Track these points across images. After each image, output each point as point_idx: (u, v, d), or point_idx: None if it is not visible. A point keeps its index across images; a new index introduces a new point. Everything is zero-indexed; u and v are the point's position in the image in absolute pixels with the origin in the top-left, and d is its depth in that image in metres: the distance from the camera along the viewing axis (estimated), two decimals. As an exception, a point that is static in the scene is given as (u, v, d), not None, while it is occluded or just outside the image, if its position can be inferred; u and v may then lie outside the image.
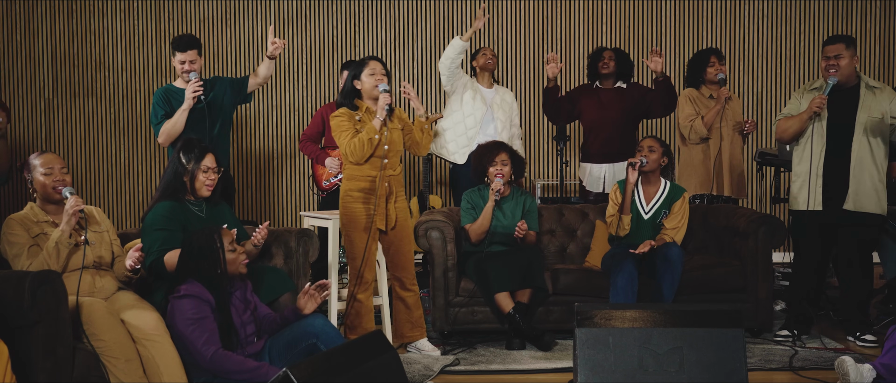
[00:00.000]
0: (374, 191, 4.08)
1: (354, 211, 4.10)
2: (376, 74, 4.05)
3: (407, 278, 4.24)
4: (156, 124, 4.65)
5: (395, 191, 4.16)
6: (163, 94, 4.67)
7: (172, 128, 4.57)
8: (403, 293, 4.25)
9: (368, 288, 4.17)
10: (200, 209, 3.73)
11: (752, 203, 6.92)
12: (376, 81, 4.04)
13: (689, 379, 3.06)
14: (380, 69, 4.07)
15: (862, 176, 4.27)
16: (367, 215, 4.09)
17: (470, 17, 6.95)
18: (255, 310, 3.43)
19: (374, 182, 4.07)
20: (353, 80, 4.11)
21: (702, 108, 5.09)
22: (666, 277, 4.25)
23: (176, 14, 6.90)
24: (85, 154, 7.00)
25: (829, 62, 4.29)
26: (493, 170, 4.53)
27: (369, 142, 3.99)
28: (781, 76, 7.04)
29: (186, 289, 3.23)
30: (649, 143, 4.53)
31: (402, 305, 4.26)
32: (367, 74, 4.07)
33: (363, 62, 4.10)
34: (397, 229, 4.18)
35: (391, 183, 4.12)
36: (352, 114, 4.08)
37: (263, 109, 6.98)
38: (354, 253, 4.13)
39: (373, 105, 4.09)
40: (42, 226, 3.40)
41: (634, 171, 4.42)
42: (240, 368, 3.15)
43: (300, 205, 7.05)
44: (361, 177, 4.09)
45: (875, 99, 4.28)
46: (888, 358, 3.40)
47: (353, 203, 4.10)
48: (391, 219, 4.14)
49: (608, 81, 5.44)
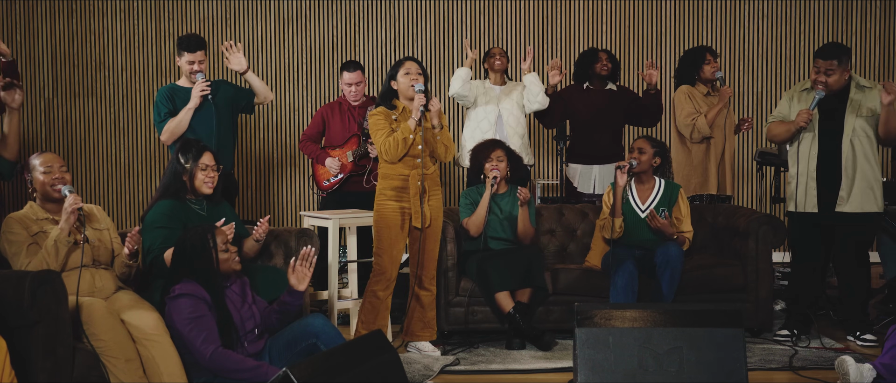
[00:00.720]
0: (407, 189, 4.12)
1: (387, 209, 4.14)
2: (412, 74, 4.09)
3: (427, 277, 4.27)
4: (159, 122, 4.65)
5: (429, 190, 4.18)
6: (167, 93, 4.68)
7: (176, 127, 4.58)
8: (421, 291, 4.28)
9: (389, 287, 4.19)
10: (201, 208, 3.74)
11: (752, 203, 6.92)
12: (411, 81, 4.07)
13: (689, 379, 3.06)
14: (415, 69, 4.10)
15: (854, 176, 4.28)
16: (400, 214, 4.12)
17: (470, 17, 6.95)
18: (252, 305, 3.43)
19: (407, 180, 4.12)
20: (390, 81, 4.16)
21: (701, 106, 5.07)
22: (665, 276, 4.25)
23: (176, 14, 6.90)
24: (85, 154, 7.00)
25: (819, 76, 4.28)
26: (489, 165, 4.55)
27: (404, 142, 4.03)
28: (781, 76, 7.04)
29: (181, 289, 3.23)
30: (640, 145, 4.53)
31: (418, 304, 4.28)
32: (402, 74, 4.11)
33: (400, 63, 4.16)
34: (431, 228, 4.21)
35: (425, 181, 4.14)
36: (388, 114, 4.14)
37: (263, 109, 6.97)
38: (381, 249, 4.15)
39: (409, 105, 4.13)
40: (41, 224, 3.41)
41: (623, 174, 4.41)
42: (239, 367, 3.16)
43: (300, 205, 7.06)
44: (395, 176, 4.12)
45: (865, 97, 4.30)
46: (888, 358, 3.40)
47: (387, 201, 4.14)
48: (427, 217, 4.17)
49: (598, 82, 5.42)
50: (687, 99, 5.07)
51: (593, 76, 5.40)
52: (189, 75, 4.67)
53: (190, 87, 4.66)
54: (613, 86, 5.47)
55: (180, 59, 4.69)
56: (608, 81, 5.44)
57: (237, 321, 3.30)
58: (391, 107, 4.16)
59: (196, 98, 4.57)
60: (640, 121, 5.54)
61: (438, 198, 4.26)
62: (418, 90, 4.03)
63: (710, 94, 5.13)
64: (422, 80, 4.08)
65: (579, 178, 5.46)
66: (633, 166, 4.46)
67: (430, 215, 4.19)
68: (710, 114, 5.00)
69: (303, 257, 3.43)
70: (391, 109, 4.16)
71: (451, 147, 4.20)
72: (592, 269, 4.56)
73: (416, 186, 4.12)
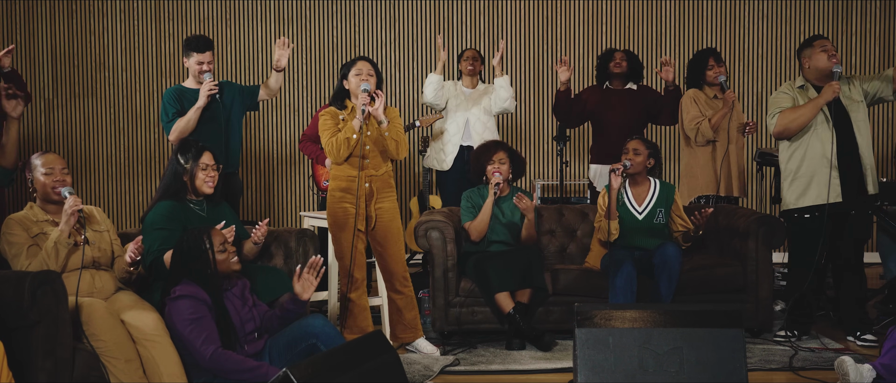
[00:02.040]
0: (352, 190, 4.08)
1: (336, 210, 4.11)
2: (362, 74, 4.07)
3: (397, 280, 4.23)
4: (167, 122, 4.67)
5: (378, 192, 4.15)
6: (174, 93, 4.70)
7: (185, 126, 4.59)
8: (394, 295, 4.25)
9: (359, 287, 4.17)
10: (201, 208, 3.74)
11: (752, 203, 6.92)
12: (360, 81, 4.05)
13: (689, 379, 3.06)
14: (367, 69, 4.08)
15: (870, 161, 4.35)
16: (347, 214, 4.09)
17: (469, 17, 6.95)
18: (253, 307, 3.43)
19: (353, 181, 4.08)
20: (343, 80, 4.15)
21: (706, 109, 5.08)
22: (664, 277, 4.25)
23: (176, 14, 6.90)
24: (85, 154, 7.00)
25: (830, 52, 4.34)
26: (490, 168, 4.54)
27: (346, 142, 4.01)
28: (781, 76, 7.04)
29: (181, 290, 3.23)
30: (634, 146, 4.53)
31: (394, 307, 4.27)
32: (353, 74, 4.10)
33: (352, 62, 4.13)
34: (381, 231, 4.16)
35: (372, 183, 4.12)
36: (336, 114, 4.12)
37: (263, 109, 6.98)
38: (341, 252, 4.14)
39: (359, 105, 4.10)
40: (41, 225, 3.41)
41: (617, 177, 4.40)
42: (239, 367, 3.16)
43: (300, 205, 7.06)
44: (342, 177, 4.11)
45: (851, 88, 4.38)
46: (888, 359, 3.40)
47: (336, 203, 4.11)
48: (371, 219, 4.13)
49: (618, 82, 5.46)
50: (692, 103, 5.09)
51: (612, 76, 5.44)
52: (197, 75, 4.69)
53: (197, 88, 4.67)
54: (634, 85, 5.49)
55: (188, 59, 4.70)
56: (628, 81, 5.46)
57: (237, 323, 3.30)
58: (342, 108, 4.14)
59: (204, 97, 4.58)
60: (659, 120, 5.55)
61: (390, 200, 4.20)
62: (363, 89, 4.00)
63: (717, 97, 5.13)
64: (373, 80, 4.06)
65: (600, 179, 5.48)
66: (627, 168, 4.45)
67: (379, 217, 4.14)
68: (714, 118, 5.00)
69: (311, 265, 3.41)
70: (342, 109, 4.13)
71: (401, 142, 4.11)
72: (592, 270, 4.56)
73: (362, 187, 4.08)
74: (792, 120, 4.33)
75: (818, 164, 4.32)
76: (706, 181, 5.11)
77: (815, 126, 4.33)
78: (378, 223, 4.15)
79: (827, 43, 4.38)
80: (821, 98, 4.27)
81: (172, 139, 4.64)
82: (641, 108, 5.46)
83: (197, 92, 4.65)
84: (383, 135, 4.05)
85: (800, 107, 4.33)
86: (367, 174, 4.08)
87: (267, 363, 3.27)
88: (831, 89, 4.23)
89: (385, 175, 4.18)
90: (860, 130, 4.33)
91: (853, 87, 4.40)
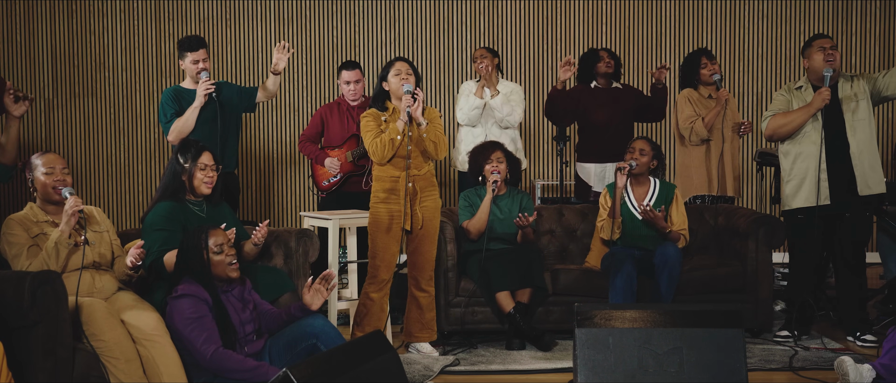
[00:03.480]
0: (397, 191, 4.09)
1: (378, 211, 4.12)
2: (401, 74, 4.07)
3: (423, 279, 4.25)
4: (165, 123, 4.66)
5: (420, 192, 4.15)
6: (172, 94, 4.69)
7: (183, 126, 4.58)
8: (418, 293, 4.26)
9: (383, 289, 4.17)
10: (201, 209, 3.73)
11: (752, 203, 6.92)
12: (401, 81, 4.04)
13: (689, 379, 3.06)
14: (405, 69, 4.08)
15: (863, 162, 4.31)
16: (389, 216, 4.10)
17: (470, 17, 6.95)
18: (254, 309, 3.43)
19: (397, 182, 4.09)
20: (382, 82, 4.14)
21: (701, 109, 5.09)
22: (664, 277, 4.25)
23: (176, 14, 6.90)
24: (85, 154, 7.00)
25: (827, 52, 4.31)
26: (488, 167, 4.55)
27: (391, 143, 4.01)
28: (781, 76, 7.04)
29: (184, 289, 3.23)
30: (640, 146, 4.53)
31: (415, 305, 4.27)
32: (392, 75, 4.09)
33: (390, 63, 4.13)
34: (423, 229, 4.18)
35: (416, 183, 4.13)
36: (378, 115, 4.12)
37: (263, 109, 6.98)
38: (374, 251, 4.15)
39: (400, 105, 4.09)
40: (42, 225, 3.40)
41: (623, 176, 4.41)
42: (239, 367, 3.16)
43: (300, 205, 7.06)
44: (386, 178, 4.11)
45: (852, 86, 4.35)
46: (888, 359, 3.40)
47: (378, 203, 4.13)
48: (417, 219, 4.15)
49: (604, 81, 5.45)
50: (686, 102, 5.10)
51: (598, 75, 5.44)
52: (194, 75, 4.68)
53: (194, 89, 4.66)
54: (618, 84, 5.50)
55: (183, 60, 4.69)
56: (612, 80, 5.47)
57: (236, 323, 3.30)
58: (383, 109, 4.15)
59: (201, 97, 4.57)
60: (646, 117, 5.58)
61: (433, 199, 4.22)
62: (405, 91, 4.00)
63: (711, 96, 5.14)
64: (412, 80, 4.05)
65: (594, 177, 5.47)
66: (633, 167, 4.46)
67: (423, 217, 4.17)
68: (708, 117, 5.02)
69: (323, 278, 3.41)
70: (383, 111, 4.14)
71: (440, 143, 4.12)
72: (592, 270, 4.56)
73: (405, 188, 4.10)
74: (781, 125, 4.38)
75: (808, 166, 4.34)
76: (701, 180, 5.12)
77: (806, 128, 4.34)
78: (423, 223, 4.17)
79: (827, 42, 4.36)
80: (811, 106, 4.29)
81: (172, 139, 4.63)
82: (628, 106, 5.45)
83: (194, 92, 4.64)
84: (422, 136, 4.05)
85: (790, 112, 4.37)
86: (411, 174, 4.09)
87: (267, 363, 3.27)
88: (820, 98, 4.24)
89: (427, 174, 4.20)
90: (855, 131, 4.30)
91: (856, 83, 4.36)
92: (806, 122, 4.32)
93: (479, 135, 5.42)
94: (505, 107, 5.34)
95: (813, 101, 4.27)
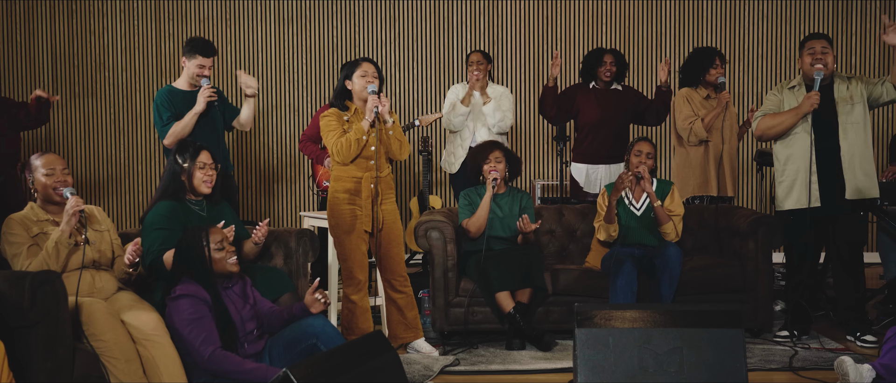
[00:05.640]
0: (359, 192, 4.08)
1: (341, 212, 4.09)
2: (368, 76, 4.05)
3: (397, 280, 4.23)
4: (162, 126, 4.63)
5: (382, 194, 4.15)
6: (166, 96, 4.65)
7: (182, 130, 4.56)
8: (395, 295, 4.24)
9: (361, 289, 4.16)
10: (201, 208, 3.74)
11: (752, 203, 6.92)
12: (367, 83, 4.04)
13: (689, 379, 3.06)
14: (372, 71, 4.07)
15: (853, 166, 4.29)
16: (353, 216, 4.08)
17: (470, 17, 6.95)
18: (255, 306, 3.43)
19: (359, 183, 4.08)
20: (345, 81, 4.12)
21: (699, 109, 5.08)
22: (664, 278, 4.25)
23: (176, 14, 6.90)
24: (85, 154, 7.00)
25: (816, 57, 4.29)
26: (487, 166, 4.55)
27: (357, 142, 3.99)
28: (781, 76, 7.04)
29: (182, 290, 3.23)
30: (647, 149, 4.53)
31: (394, 307, 4.26)
32: (358, 76, 4.08)
33: (356, 63, 4.11)
34: (385, 232, 4.17)
35: (378, 185, 4.12)
36: (340, 115, 4.10)
37: (263, 110, 6.98)
38: (344, 254, 4.13)
39: (362, 106, 4.09)
40: (42, 225, 3.41)
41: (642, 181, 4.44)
42: (238, 368, 3.15)
43: (300, 205, 7.06)
44: (347, 178, 4.09)
45: (848, 88, 4.32)
46: (888, 359, 3.40)
47: (340, 205, 4.10)
48: (378, 221, 4.13)
49: (603, 83, 5.44)
50: (685, 102, 5.08)
51: (598, 77, 5.43)
52: (195, 78, 4.66)
53: (189, 90, 4.66)
54: (619, 86, 5.48)
55: (190, 61, 4.66)
56: (614, 82, 5.45)
57: (237, 322, 3.30)
58: (344, 109, 4.13)
59: (202, 103, 4.56)
60: (645, 121, 5.51)
61: (392, 201, 4.22)
62: (371, 91, 4.00)
63: (709, 98, 5.13)
64: (377, 82, 4.05)
65: (585, 179, 5.47)
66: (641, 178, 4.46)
67: (384, 219, 4.15)
68: (708, 118, 5.01)
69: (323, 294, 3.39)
70: (343, 110, 4.13)
71: (404, 142, 4.13)
72: (592, 270, 4.56)
73: (368, 189, 4.08)
74: (770, 126, 4.39)
75: (799, 168, 4.33)
76: (699, 181, 5.10)
77: (797, 129, 4.34)
78: (384, 225, 4.15)
79: (817, 43, 4.32)
80: (799, 109, 4.29)
81: (167, 143, 4.59)
82: (626, 109, 5.44)
83: (188, 93, 4.64)
84: (388, 134, 4.05)
85: (780, 114, 4.37)
86: (373, 176, 4.08)
87: (266, 364, 3.27)
88: (809, 102, 4.23)
89: (388, 176, 4.20)
90: (847, 134, 4.28)
91: (853, 85, 4.35)
92: (795, 125, 4.32)
93: (467, 138, 5.57)
94: (496, 113, 5.46)
95: (801, 105, 4.27)
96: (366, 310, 4.19)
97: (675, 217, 4.51)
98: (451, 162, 5.71)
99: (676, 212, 4.52)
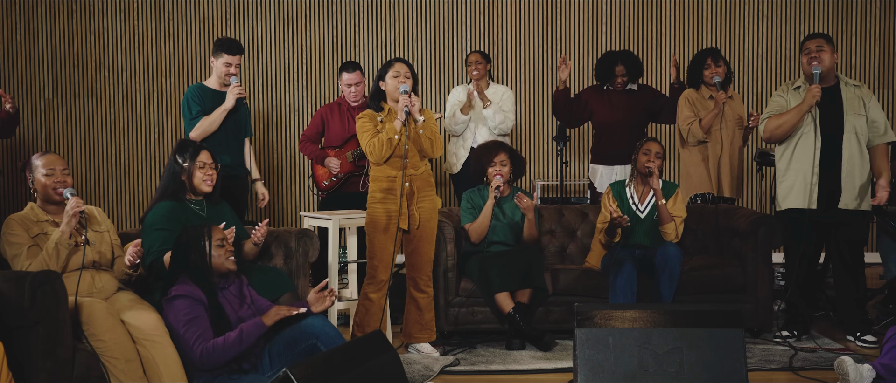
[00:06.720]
0: (394, 191, 4.09)
1: (376, 211, 4.12)
2: (400, 77, 4.08)
3: (422, 279, 4.25)
4: (190, 120, 4.73)
5: (418, 192, 4.16)
6: (197, 91, 4.78)
7: (209, 126, 4.68)
8: (416, 294, 4.25)
9: (381, 288, 4.17)
10: (201, 208, 3.74)
11: (752, 203, 6.92)
12: (399, 83, 4.05)
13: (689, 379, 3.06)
14: (404, 71, 4.09)
15: (852, 175, 4.29)
16: (386, 216, 4.10)
17: (470, 17, 6.95)
18: (251, 304, 3.43)
19: (394, 181, 4.09)
20: (379, 82, 4.15)
21: (700, 110, 5.08)
22: (664, 278, 4.25)
23: (176, 14, 6.90)
24: (85, 154, 7.00)
25: (811, 55, 4.32)
26: (492, 170, 4.54)
27: (389, 142, 4.01)
28: (781, 76, 7.04)
29: (177, 290, 3.23)
30: (656, 149, 4.53)
31: (414, 306, 4.27)
32: (390, 76, 4.10)
33: (389, 64, 4.14)
34: (420, 229, 4.18)
35: (413, 183, 4.13)
36: (374, 116, 4.14)
37: (263, 110, 6.98)
38: (372, 251, 4.15)
39: (396, 106, 4.10)
40: (42, 225, 3.40)
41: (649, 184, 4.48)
42: (224, 347, 3.14)
43: (300, 205, 7.06)
44: (383, 178, 4.11)
45: (856, 96, 4.34)
46: (888, 359, 3.40)
47: (376, 204, 4.13)
48: (415, 219, 4.15)
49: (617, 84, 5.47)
50: (686, 104, 5.10)
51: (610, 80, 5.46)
52: (222, 77, 4.78)
53: (218, 89, 4.79)
54: (634, 86, 5.49)
55: (217, 59, 4.78)
56: (628, 82, 5.47)
57: (234, 320, 3.30)
58: (378, 110, 4.16)
59: (232, 100, 4.70)
60: (661, 119, 5.56)
61: (430, 199, 4.21)
62: (403, 91, 4.01)
63: (712, 98, 5.13)
64: (410, 82, 4.07)
65: (600, 179, 5.50)
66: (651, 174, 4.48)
67: (420, 217, 4.16)
68: (705, 119, 5.01)
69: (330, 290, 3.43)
70: (378, 111, 4.15)
71: (436, 140, 4.13)
72: (592, 270, 4.56)
73: (403, 187, 4.09)
74: (776, 127, 4.38)
75: (801, 169, 4.33)
76: (699, 180, 5.12)
77: (803, 130, 4.34)
78: (420, 223, 4.17)
79: (811, 44, 4.34)
80: (803, 103, 4.29)
81: (195, 136, 4.68)
82: (643, 109, 5.47)
83: (217, 92, 4.77)
84: (419, 132, 4.07)
85: (784, 113, 4.37)
86: (408, 173, 4.09)
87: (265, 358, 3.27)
88: (811, 95, 4.23)
89: (424, 173, 4.20)
90: (849, 140, 4.29)
91: (863, 91, 4.36)
92: (801, 121, 4.32)
93: (468, 138, 5.61)
94: (498, 115, 5.49)
95: (805, 99, 4.27)
96: (380, 310, 4.20)
97: (677, 219, 4.51)
98: (453, 162, 5.73)
99: (678, 214, 4.53)
